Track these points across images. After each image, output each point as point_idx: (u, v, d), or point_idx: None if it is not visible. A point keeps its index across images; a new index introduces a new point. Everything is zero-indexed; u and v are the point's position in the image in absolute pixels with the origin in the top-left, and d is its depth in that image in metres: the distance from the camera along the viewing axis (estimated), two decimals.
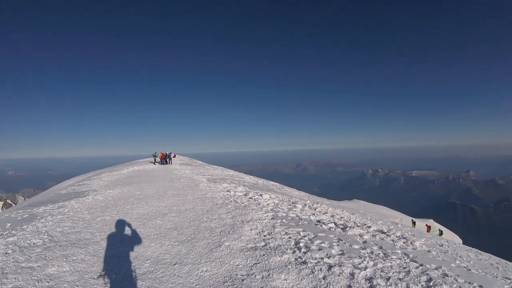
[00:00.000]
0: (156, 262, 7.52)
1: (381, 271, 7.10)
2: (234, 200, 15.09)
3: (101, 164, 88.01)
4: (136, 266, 7.27)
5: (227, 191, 18.19)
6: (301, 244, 8.34)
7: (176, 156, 58.00)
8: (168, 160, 46.32)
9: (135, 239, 9.34)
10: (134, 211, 13.37)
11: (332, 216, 14.87)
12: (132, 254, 8.02)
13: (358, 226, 12.49)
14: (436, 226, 52.40)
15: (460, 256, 11.83)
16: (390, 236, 11.76)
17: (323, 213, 15.20)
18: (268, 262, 7.13)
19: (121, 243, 9.03)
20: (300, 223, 11.15)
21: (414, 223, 42.66)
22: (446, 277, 7.45)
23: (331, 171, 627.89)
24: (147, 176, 28.83)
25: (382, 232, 12.29)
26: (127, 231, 10.40)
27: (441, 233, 41.49)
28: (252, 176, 37.88)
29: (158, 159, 46.54)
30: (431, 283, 6.78)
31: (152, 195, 17.67)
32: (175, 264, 7.31)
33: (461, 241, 47.65)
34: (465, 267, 9.49)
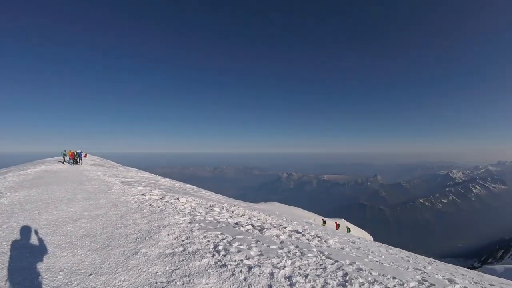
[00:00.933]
0: (70, 273, 6.93)
1: (299, 269, 7.40)
2: (150, 204, 14.29)
3: (4, 162, 79.89)
4: (48, 279, 6.62)
5: (142, 194, 17.29)
6: (220, 247, 8.36)
7: (87, 155, 54.71)
8: (78, 159, 43.57)
9: (46, 248, 8.50)
10: (43, 217, 11.78)
11: (249, 218, 15.16)
12: (43, 266, 7.31)
13: (274, 227, 12.93)
14: (347, 224, 55.69)
15: (372, 252, 12.86)
16: (305, 235, 12.46)
17: (241, 216, 15.42)
18: (188, 267, 7.00)
19: (31, 253, 8.10)
20: (218, 226, 11.19)
21: (324, 222, 44.75)
22: (361, 271, 8.05)
23: (248, 174, 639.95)
24: (56, 177, 26.50)
25: (298, 232, 12.99)
26: (36, 239, 9.35)
27: (348, 230, 44.00)
28: (168, 179, 37.12)
29: (67, 159, 43.52)
30: (347, 277, 7.25)
31: (62, 199, 15.77)
32: (90, 275, 6.79)
33: (372, 238, 51.24)
34: (377, 261, 10.35)
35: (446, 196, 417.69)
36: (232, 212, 16.36)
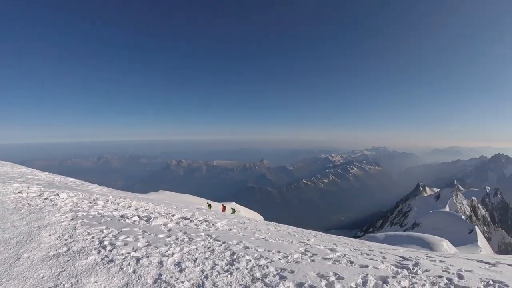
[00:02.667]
0: None
1: (187, 254, 7.63)
2: (28, 203, 12.64)
3: None
4: None
5: (19, 192, 15.35)
6: (106, 242, 8.12)
7: None
8: None
9: None
10: None
11: (136, 209, 14.97)
12: None
13: (162, 216, 12.95)
14: (238, 207, 57.08)
15: (259, 230, 13.63)
16: (193, 221, 12.77)
17: (127, 207, 15.11)
18: (74, 267, 6.61)
19: None
20: (102, 220, 10.79)
21: (209, 205, 45.24)
22: (248, 249, 8.62)
23: (135, 163, 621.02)
24: None
25: (186, 218, 13.25)
26: None
27: (233, 211, 45.10)
28: (47, 173, 34.18)
29: None
30: (234, 256, 7.72)
31: None
32: None
33: (262, 218, 53.31)
34: (263, 238, 11.11)
35: (327, 176, 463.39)
36: (118, 204, 15.88)
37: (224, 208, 45.94)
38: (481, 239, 76.05)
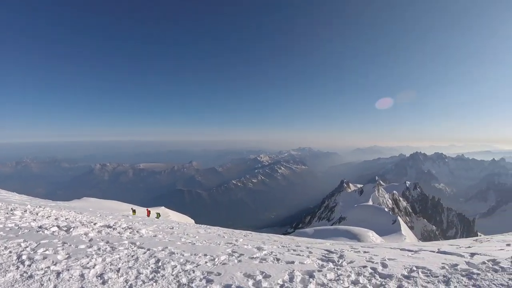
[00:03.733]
0: None
1: (110, 265, 7.36)
2: None
3: None
4: None
5: None
6: (24, 257, 7.58)
7: None
8: None
9: None
10: None
11: (56, 219, 14.17)
12: None
13: (83, 225, 12.33)
14: (167, 212, 56.04)
15: (187, 234, 13.49)
16: (116, 229, 12.32)
17: (46, 217, 14.30)
18: None
19: None
20: (20, 233, 10.06)
21: (134, 211, 44.03)
22: (173, 255, 8.50)
23: (57, 168, 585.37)
24: None
25: (109, 226, 12.76)
26: None
27: (158, 215, 44.28)
28: None
29: None
30: (159, 263, 7.58)
31: None
32: None
33: (193, 221, 52.82)
34: (190, 242, 10.99)
35: (256, 176, 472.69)
36: (37, 214, 15.03)
37: (148, 213, 45.06)
38: (404, 228, 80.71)
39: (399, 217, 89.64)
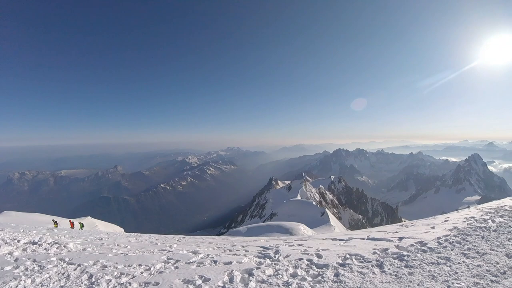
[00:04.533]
0: None
1: (41, 286, 6.92)
2: None
3: None
4: None
5: None
6: None
7: None
8: None
9: None
10: None
11: None
12: None
13: (6, 243, 11.40)
14: (94, 222, 53.76)
15: (118, 245, 12.90)
16: (42, 245, 11.39)
17: None
18: None
19: None
20: None
21: (55, 222, 41.87)
22: (106, 268, 8.14)
23: None
24: None
25: (34, 243, 11.72)
26: None
27: (82, 226, 42.51)
28: None
29: None
30: (93, 279, 7.22)
31: None
32: None
33: (122, 230, 51.10)
34: (122, 253, 10.55)
35: (185, 179, 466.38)
36: None
37: (72, 224, 42.90)
38: (333, 219, 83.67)
39: (327, 209, 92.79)
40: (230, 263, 8.39)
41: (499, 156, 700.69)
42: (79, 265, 8.39)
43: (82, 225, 42.30)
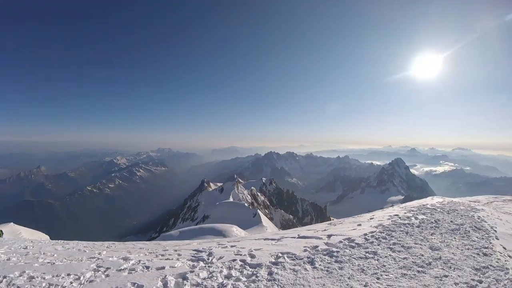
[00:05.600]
0: None
1: None
2: None
3: None
4: None
5: None
6: None
7: None
8: None
9: None
10: None
11: None
12: None
13: None
14: (18, 228, 50.55)
15: (44, 253, 12.12)
16: None
17: None
18: None
19: None
20: None
21: None
22: (33, 279, 7.61)
23: None
24: None
25: None
26: None
27: (1, 233, 39.97)
28: None
29: None
30: None
31: None
32: None
33: (48, 237, 48.40)
34: (49, 262, 9.87)
35: (113, 181, 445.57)
36: None
37: None
38: (265, 220, 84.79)
39: (258, 210, 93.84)
40: (163, 268, 8.22)
41: (421, 161, 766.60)
42: (4, 277, 7.75)
43: (1, 233, 39.66)
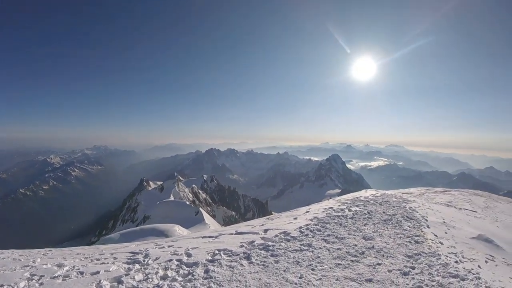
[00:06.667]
0: None
1: None
2: None
3: None
4: None
5: None
6: None
7: None
8: None
9: None
10: None
11: None
12: None
13: None
14: None
15: None
16: None
17: None
18: None
19: None
20: None
21: None
22: None
23: None
24: None
25: None
26: None
27: None
28: None
29: None
30: None
31: None
32: None
33: None
34: None
35: (47, 182, 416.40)
36: None
37: None
38: (207, 218, 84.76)
39: (200, 208, 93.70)
40: (98, 272, 7.97)
41: (356, 157, 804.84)
42: None
43: None
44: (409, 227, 12.02)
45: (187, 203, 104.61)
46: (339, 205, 15.83)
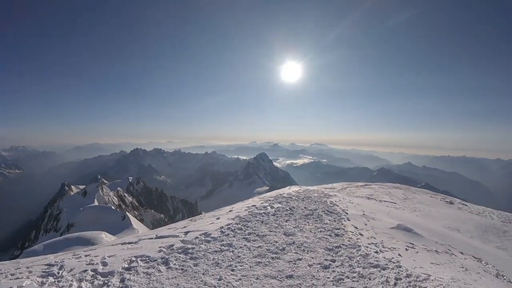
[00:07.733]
0: None
1: None
2: None
3: None
4: None
5: None
6: None
7: None
8: None
9: None
10: None
11: None
12: None
13: None
14: None
15: None
16: None
17: None
18: None
19: None
20: None
21: None
22: None
23: None
24: None
25: None
26: None
27: None
28: None
29: None
30: None
31: None
32: None
33: None
34: None
35: None
36: None
37: None
38: (135, 222, 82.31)
39: (127, 213, 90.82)
40: None
41: (283, 155, 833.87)
42: None
43: None
44: (329, 220, 12.41)
45: (113, 207, 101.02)
46: (262, 203, 15.94)
